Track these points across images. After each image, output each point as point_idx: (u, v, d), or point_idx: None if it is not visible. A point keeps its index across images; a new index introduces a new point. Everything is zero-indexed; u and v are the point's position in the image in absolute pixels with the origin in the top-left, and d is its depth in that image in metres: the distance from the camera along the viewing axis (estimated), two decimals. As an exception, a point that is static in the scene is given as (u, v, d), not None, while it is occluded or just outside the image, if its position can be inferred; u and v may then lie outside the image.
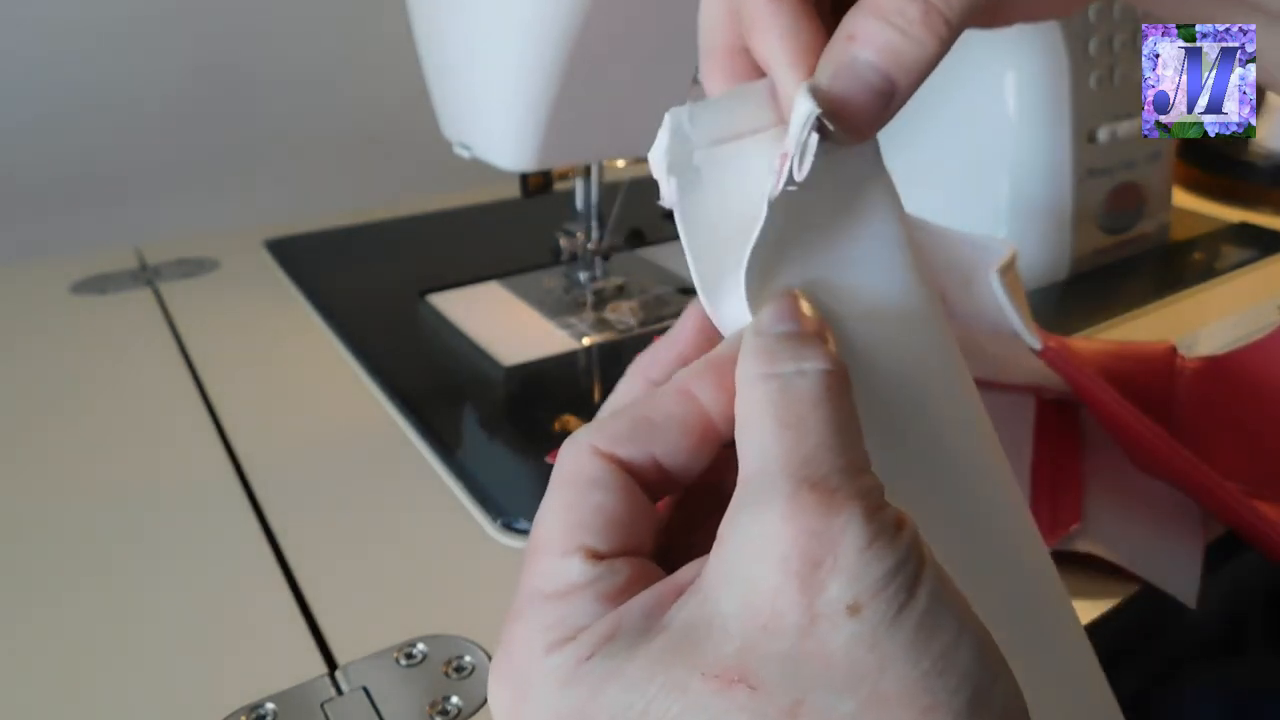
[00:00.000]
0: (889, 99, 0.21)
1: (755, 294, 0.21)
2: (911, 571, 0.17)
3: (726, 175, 0.22)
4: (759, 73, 0.23)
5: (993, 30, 0.26)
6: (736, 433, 0.19)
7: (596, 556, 0.19)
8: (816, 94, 0.20)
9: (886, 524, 0.17)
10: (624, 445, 0.20)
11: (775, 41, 0.22)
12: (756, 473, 0.18)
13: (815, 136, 0.20)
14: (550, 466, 0.47)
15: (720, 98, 0.23)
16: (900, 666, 0.16)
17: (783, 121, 0.22)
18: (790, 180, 0.20)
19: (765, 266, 0.21)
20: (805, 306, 0.20)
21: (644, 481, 0.20)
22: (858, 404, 0.20)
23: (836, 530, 0.17)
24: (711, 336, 0.22)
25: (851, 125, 0.21)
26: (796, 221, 0.22)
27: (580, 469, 0.20)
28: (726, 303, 0.21)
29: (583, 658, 0.18)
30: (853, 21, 0.21)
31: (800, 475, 0.17)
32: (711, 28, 0.24)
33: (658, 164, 0.22)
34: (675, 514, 0.23)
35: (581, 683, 0.18)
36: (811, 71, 0.21)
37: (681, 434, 0.20)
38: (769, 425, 0.18)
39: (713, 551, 0.18)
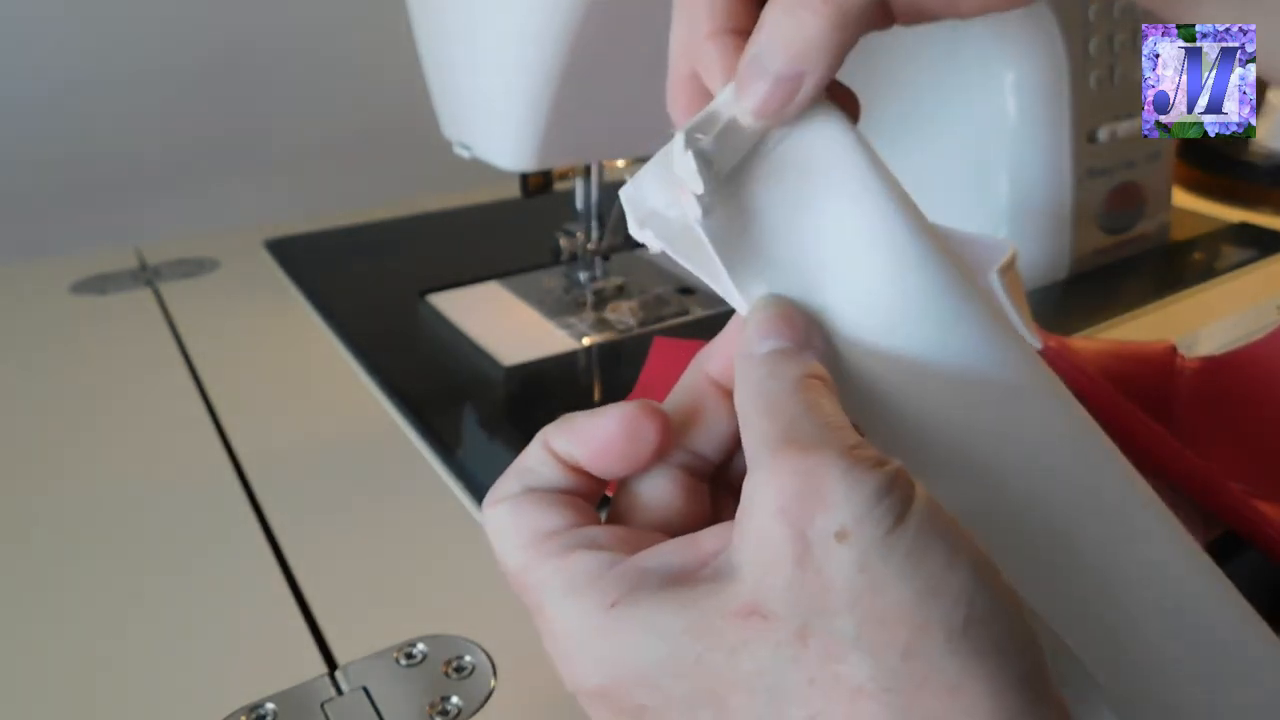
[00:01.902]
0: (796, 84, 0.23)
1: (749, 300, 0.23)
2: (898, 498, 0.18)
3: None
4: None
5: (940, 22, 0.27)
6: (743, 445, 0.21)
7: (568, 530, 0.22)
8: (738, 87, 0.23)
9: (865, 458, 0.18)
10: (510, 491, 0.23)
11: (720, 83, 0.24)
12: (749, 455, 0.20)
13: (690, 156, 0.22)
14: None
15: (654, 160, 0.25)
16: (893, 586, 0.17)
17: None
18: (700, 200, 0.22)
19: (751, 273, 0.23)
20: (788, 315, 0.23)
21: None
22: (864, 393, 0.22)
23: (815, 465, 0.18)
24: None
25: (761, 110, 0.23)
26: (775, 227, 0.23)
27: (497, 516, 0.23)
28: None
29: (609, 604, 0.20)
30: (762, 14, 0.23)
31: (781, 438, 0.19)
32: (675, 55, 0.26)
33: (635, 233, 0.24)
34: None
35: (611, 629, 0.19)
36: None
37: (553, 472, 0.23)
38: (754, 420, 0.20)
39: (733, 531, 0.20)
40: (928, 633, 0.17)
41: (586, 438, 0.23)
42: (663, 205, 0.24)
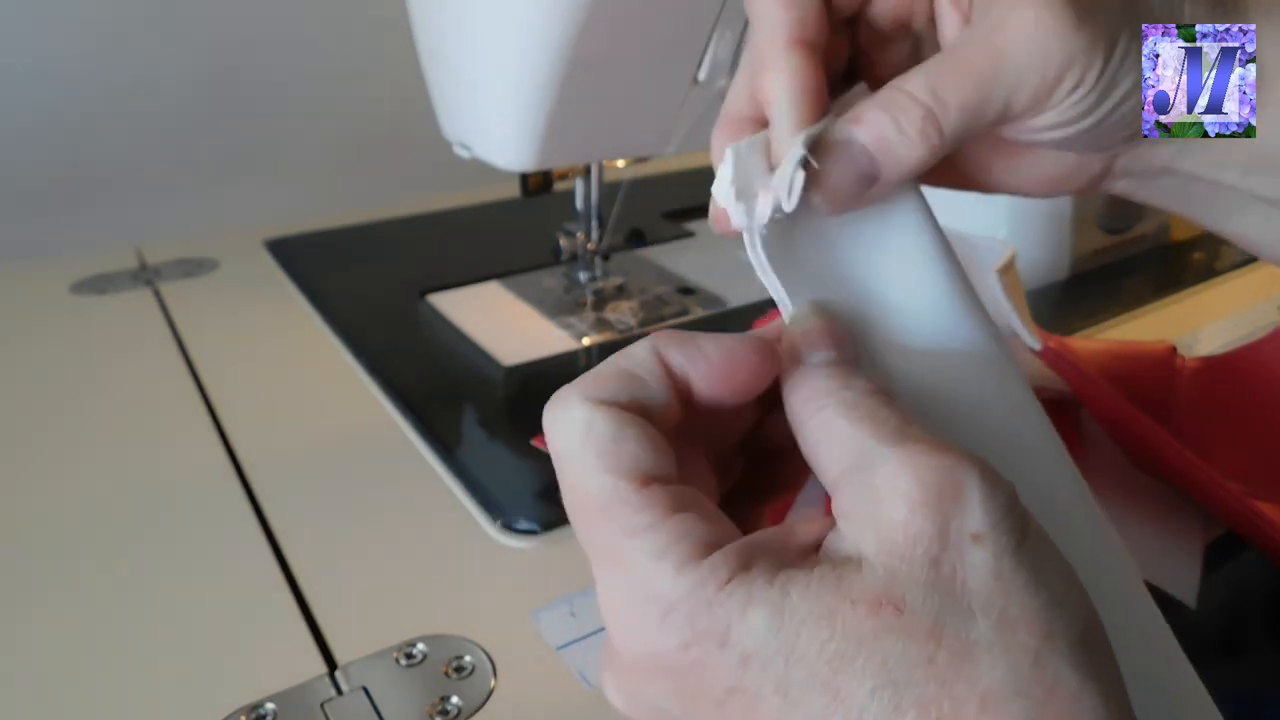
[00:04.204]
0: (870, 182, 0.24)
1: (792, 309, 0.23)
2: (1021, 512, 0.19)
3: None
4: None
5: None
6: (810, 454, 0.21)
7: (667, 482, 0.20)
8: (811, 150, 0.23)
9: (991, 468, 0.19)
10: (614, 394, 0.21)
11: (780, 80, 0.24)
12: (855, 458, 0.20)
13: (802, 174, 0.22)
14: (538, 450, 0.47)
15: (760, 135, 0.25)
16: (1022, 595, 0.18)
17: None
18: (778, 209, 0.23)
19: (799, 283, 0.24)
20: (835, 331, 0.23)
21: None
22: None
23: (954, 466, 0.19)
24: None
25: (830, 195, 0.24)
26: (828, 241, 0.24)
27: (592, 420, 0.20)
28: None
29: (723, 580, 0.19)
30: (862, 107, 0.24)
31: (900, 437, 0.19)
32: (735, 89, 0.26)
33: (724, 194, 0.24)
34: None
35: (725, 604, 0.18)
36: (807, 115, 0.24)
37: (660, 386, 0.22)
38: (843, 426, 0.20)
39: (840, 522, 0.20)
40: (1053, 642, 0.18)
41: (710, 358, 0.22)
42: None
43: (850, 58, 0.28)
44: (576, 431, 0.20)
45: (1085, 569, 0.21)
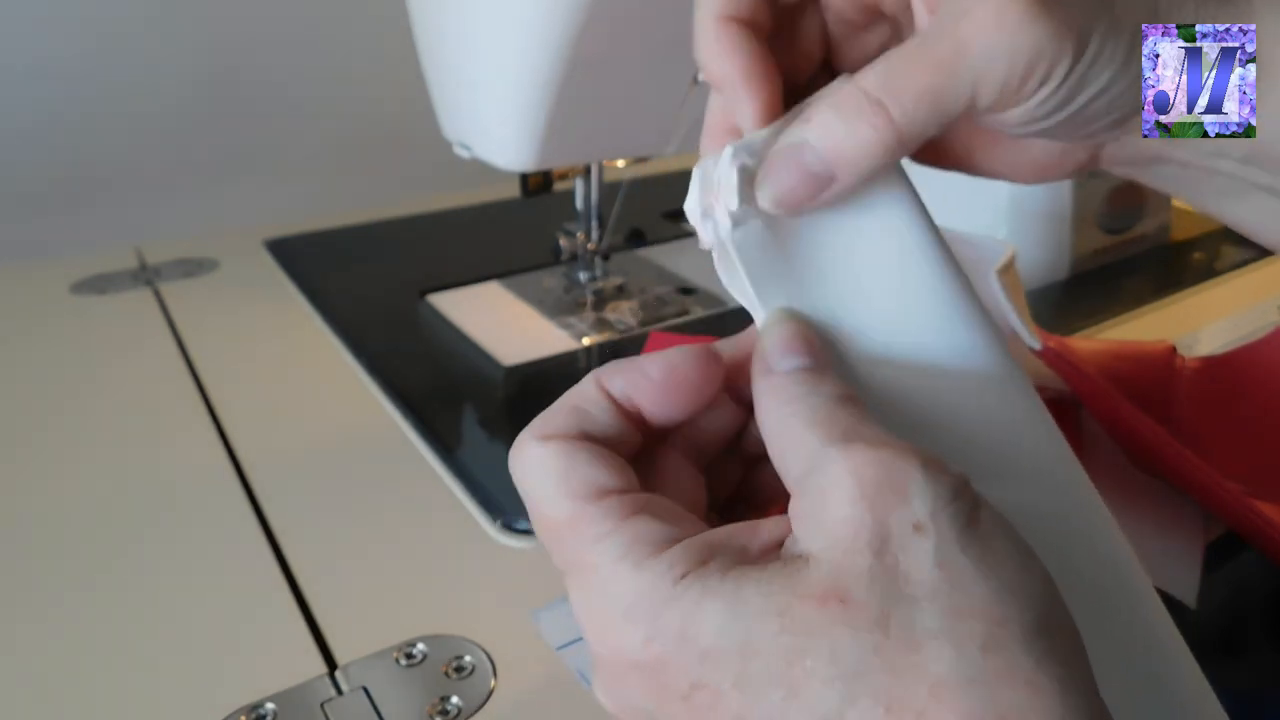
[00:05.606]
0: (824, 185, 0.23)
1: (766, 315, 0.23)
2: (970, 500, 0.19)
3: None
4: None
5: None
6: (776, 462, 0.21)
7: (624, 492, 0.21)
8: (764, 159, 0.23)
9: (936, 459, 0.19)
10: (562, 428, 0.22)
11: (718, 61, 0.24)
12: (808, 462, 0.20)
13: (734, 176, 0.23)
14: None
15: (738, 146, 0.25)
16: (970, 582, 0.18)
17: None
18: (732, 214, 0.23)
19: (775, 288, 0.24)
20: (806, 335, 0.23)
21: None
22: (880, 411, 0.22)
23: (893, 459, 0.19)
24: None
25: (779, 199, 0.23)
26: (814, 244, 0.24)
27: (545, 454, 0.22)
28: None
29: (677, 575, 0.19)
30: (812, 106, 0.23)
31: (847, 437, 0.20)
32: (713, 97, 0.26)
33: (693, 213, 0.24)
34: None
35: (679, 600, 0.19)
36: (760, 98, 0.24)
37: (606, 415, 0.23)
38: (799, 430, 0.20)
39: (793, 524, 0.20)
40: (1005, 629, 0.17)
41: (650, 377, 0.23)
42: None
43: (827, 50, 0.28)
44: (534, 467, 0.22)
45: (1087, 569, 0.21)
